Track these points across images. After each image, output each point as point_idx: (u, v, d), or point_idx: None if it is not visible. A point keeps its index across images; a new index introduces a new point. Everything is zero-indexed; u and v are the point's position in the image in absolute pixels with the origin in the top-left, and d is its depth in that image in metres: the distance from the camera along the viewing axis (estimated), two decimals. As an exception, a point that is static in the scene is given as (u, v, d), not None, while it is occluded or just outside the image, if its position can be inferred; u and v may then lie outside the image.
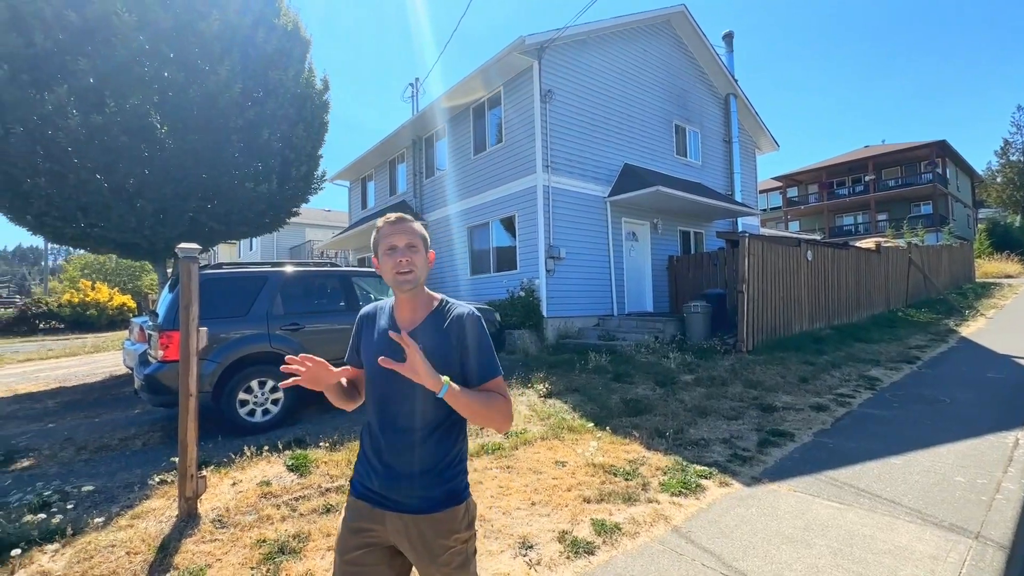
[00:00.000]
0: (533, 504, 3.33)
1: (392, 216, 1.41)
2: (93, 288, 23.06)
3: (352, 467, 3.91)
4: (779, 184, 39.15)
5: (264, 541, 2.86)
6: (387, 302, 1.52)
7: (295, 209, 10.26)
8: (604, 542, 2.85)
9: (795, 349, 8.41)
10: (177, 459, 3.80)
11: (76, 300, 21.97)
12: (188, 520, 3.05)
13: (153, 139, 7.38)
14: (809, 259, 10.24)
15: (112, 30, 6.57)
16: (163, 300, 5.30)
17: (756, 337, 8.58)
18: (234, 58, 7.49)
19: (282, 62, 8.37)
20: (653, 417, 5.22)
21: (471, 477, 3.80)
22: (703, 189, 12.68)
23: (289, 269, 5.47)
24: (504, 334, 7.50)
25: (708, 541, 2.84)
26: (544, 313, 9.90)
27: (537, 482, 3.67)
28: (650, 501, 3.36)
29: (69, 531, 2.89)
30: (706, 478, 3.69)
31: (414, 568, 1.44)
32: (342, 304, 5.71)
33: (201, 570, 2.58)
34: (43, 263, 45.25)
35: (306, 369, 1.34)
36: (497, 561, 2.68)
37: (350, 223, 18.95)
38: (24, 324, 20.70)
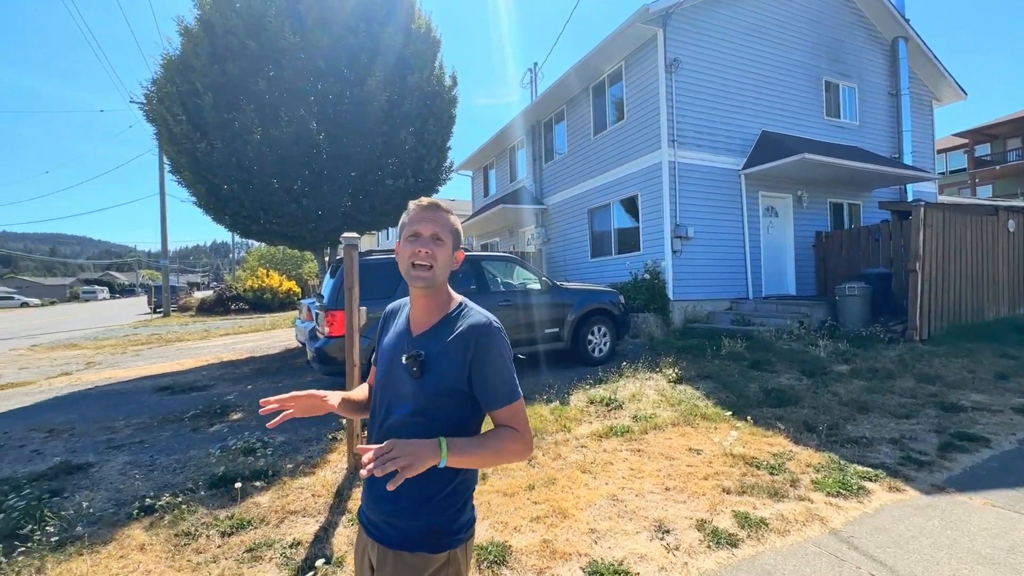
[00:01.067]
0: (667, 489, 3.27)
1: (424, 200, 1.25)
2: (268, 275, 27.39)
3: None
4: (964, 141, 32.30)
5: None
6: (406, 299, 1.36)
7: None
8: (749, 536, 2.71)
9: (988, 339, 7.00)
10: (345, 420, 4.42)
11: (256, 285, 26.30)
12: (356, 472, 3.54)
13: (313, 145, 8.49)
14: (1011, 230, 8.37)
15: (281, 51, 7.64)
16: (326, 284, 6.13)
17: (932, 324, 7.31)
18: (378, 67, 8.24)
19: (416, 64, 8.99)
20: (800, 409, 4.76)
21: (598, 456, 3.89)
22: (861, 153, 10.97)
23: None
24: (628, 317, 7.35)
25: (877, 550, 2.54)
26: (670, 296, 9.48)
27: (670, 468, 3.58)
28: (801, 499, 3.09)
29: (270, 472, 3.55)
30: (870, 480, 3.28)
31: None
32: (472, 287, 6.07)
33: (370, 516, 2.99)
34: (231, 255, 54.80)
35: (295, 405, 1.22)
36: (633, 541, 2.70)
37: (473, 211, 19.88)
38: (220, 305, 25.37)
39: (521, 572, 2.46)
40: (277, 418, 1.21)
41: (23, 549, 2.61)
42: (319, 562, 2.48)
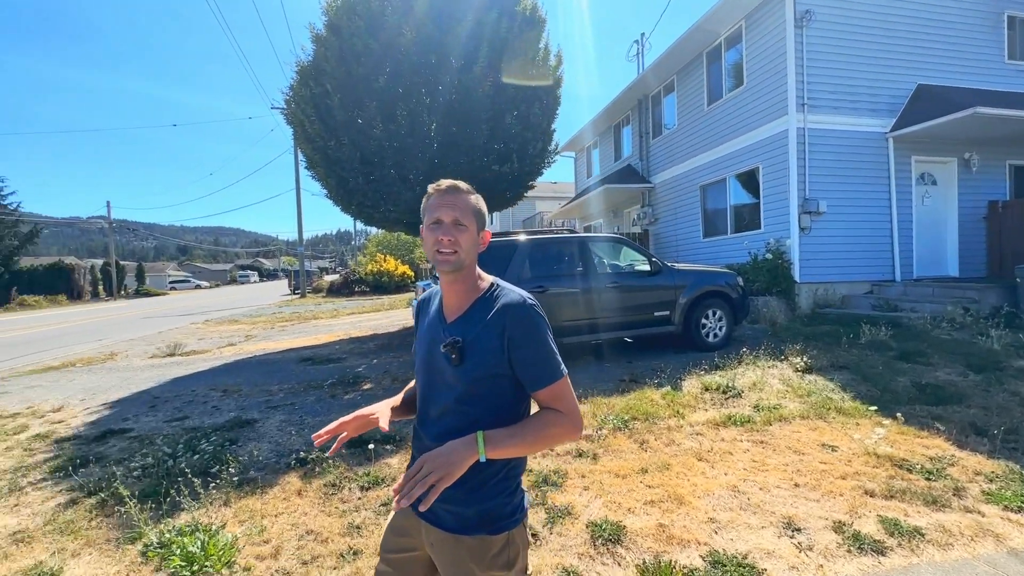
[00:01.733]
0: (796, 486, 3.02)
1: (444, 184, 1.18)
2: (385, 260, 29.75)
3: (593, 419, 4.22)
4: None
5: (530, 471, 3.33)
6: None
7: (531, 183, 11.14)
8: (899, 545, 2.42)
9: None
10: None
11: (375, 269, 28.72)
12: (473, 443, 3.77)
13: (426, 136, 8.97)
14: None
15: (398, 49, 8.14)
16: (440, 267, 6.51)
17: None
18: (483, 53, 8.43)
19: (521, 47, 9.03)
20: (965, 409, 4.09)
21: (715, 445, 3.70)
22: (1059, 102, 8.90)
23: (534, 237, 6.04)
24: (747, 300, 6.82)
25: (1076, 578, 2.13)
26: (796, 278, 8.61)
27: (800, 463, 3.30)
28: (968, 510, 2.68)
29: (397, 438, 3.91)
30: (1067, 497, 2.73)
31: None
32: (579, 269, 6.04)
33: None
34: (353, 242, 60.39)
35: (347, 429, 1.24)
36: (757, 535, 2.55)
37: (576, 193, 19.68)
38: (345, 287, 28.14)
39: (636, 552, 2.45)
40: (335, 444, 1.25)
41: (214, 484, 3.19)
42: None
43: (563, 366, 1.17)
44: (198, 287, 60.11)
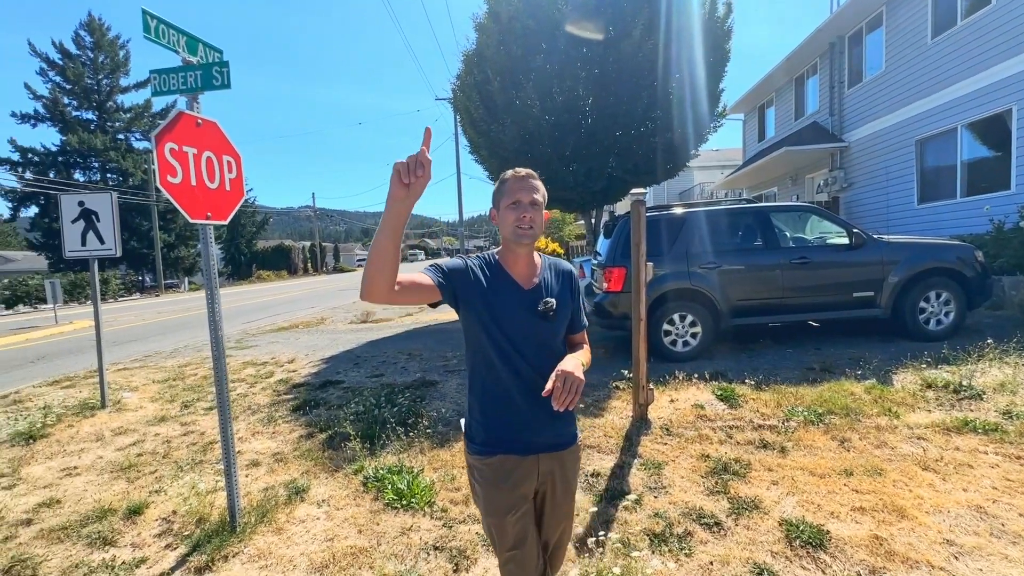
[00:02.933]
0: (1082, 518, 2.33)
1: (521, 171, 1.40)
2: (535, 238, 30.63)
3: (777, 408, 3.79)
4: None
5: (707, 456, 3.14)
6: (487, 256, 1.47)
7: (694, 152, 10.31)
8: None
9: None
10: (626, 371, 4.63)
11: (526, 247, 29.77)
12: (641, 422, 3.69)
13: (580, 111, 8.85)
14: None
15: (555, 24, 8.10)
16: (601, 243, 6.43)
17: None
18: (642, 15, 7.94)
19: (683, 1, 8.29)
20: None
21: (945, 454, 3.08)
22: None
23: (705, 208, 5.58)
24: (989, 280, 5.42)
25: None
26: (1067, 252, 6.57)
27: (1086, 491, 2.54)
28: None
29: (566, 409, 4.02)
30: None
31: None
32: (758, 243, 5.42)
33: (659, 465, 3.08)
34: (505, 222, 63.16)
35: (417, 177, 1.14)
36: (1021, 573, 2.04)
37: (744, 159, 17.69)
38: (500, 265, 29.75)
39: (846, 563, 2.15)
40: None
41: (412, 434, 3.66)
42: (630, 498, 2.70)
43: None
44: (377, 264, 69.28)
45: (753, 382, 4.34)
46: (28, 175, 27.93)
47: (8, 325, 14.67)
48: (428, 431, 3.75)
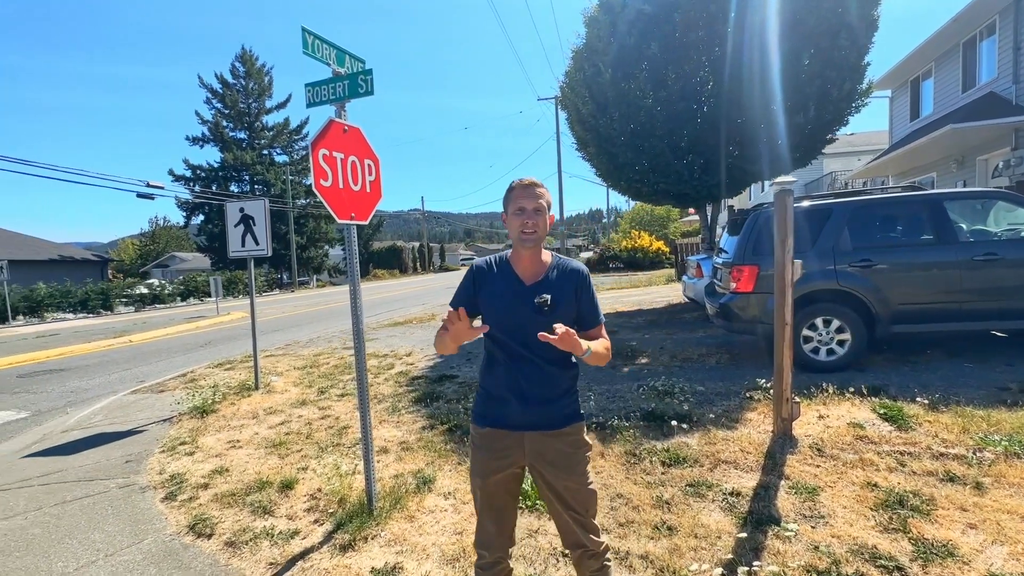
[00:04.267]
0: None
1: (526, 180, 1.55)
2: (639, 236, 29.53)
3: (964, 435, 3.15)
4: None
5: (874, 485, 2.69)
6: (498, 257, 1.64)
7: (831, 136, 9.15)
8: None
9: None
10: (761, 380, 4.20)
11: (629, 246, 28.83)
12: (784, 439, 3.29)
13: (696, 99, 8.27)
14: None
15: (669, 5, 7.65)
16: (726, 240, 5.93)
17: None
18: (772, -15, 7.20)
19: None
20: None
21: None
22: None
23: (857, 198, 4.87)
24: None
25: None
26: None
27: None
28: None
29: (693, 418, 3.72)
30: None
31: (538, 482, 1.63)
32: (928, 236, 4.60)
33: (813, 490, 2.70)
34: (603, 220, 61.96)
35: (454, 326, 1.40)
36: None
37: (891, 142, 15.41)
38: (600, 264, 29.13)
39: (1097, 643, 1.68)
40: (448, 339, 1.46)
41: (529, 433, 3.63)
42: (791, 528, 2.39)
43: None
44: (479, 264, 71.81)
45: (926, 401, 3.68)
46: (197, 188, 33.14)
47: (184, 315, 17.53)
48: (546, 431, 3.69)
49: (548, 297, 1.52)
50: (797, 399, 3.41)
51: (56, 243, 33.25)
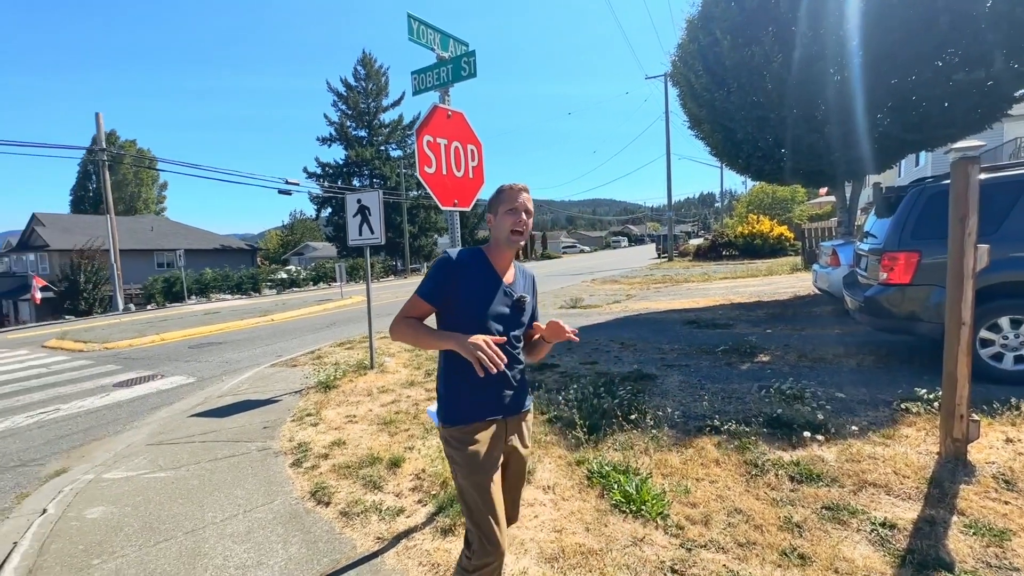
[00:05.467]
0: None
1: (517, 185, 1.69)
2: (758, 221, 26.87)
3: None
4: None
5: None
6: (473, 251, 1.70)
7: (1021, 93, 7.40)
8: None
9: None
10: (919, 389, 3.54)
11: (746, 232, 26.34)
12: (956, 464, 2.70)
13: (837, 60, 7.14)
14: None
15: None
16: (872, 222, 5.07)
17: None
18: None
19: None
20: None
21: None
22: None
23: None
24: None
25: None
26: None
27: None
28: None
29: (830, 428, 3.22)
30: None
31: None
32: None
33: (1000, 533, 2.16)
34: (716, 204, 57.44)
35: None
36: None
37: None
38: (712, 251, 27.03)
39: None
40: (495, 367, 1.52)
41: (636, 431, 3.41)
42: None
43: None
44: (581, 251, 70.88)
45: None
46: (325, 184, 36.80)
47: (315, 297, 19.63)
48: (653, 430, 3.44)
49: (525, 296, 1.72)
50: (975, 416, 2.77)
51: (219, 235, 39.25)
